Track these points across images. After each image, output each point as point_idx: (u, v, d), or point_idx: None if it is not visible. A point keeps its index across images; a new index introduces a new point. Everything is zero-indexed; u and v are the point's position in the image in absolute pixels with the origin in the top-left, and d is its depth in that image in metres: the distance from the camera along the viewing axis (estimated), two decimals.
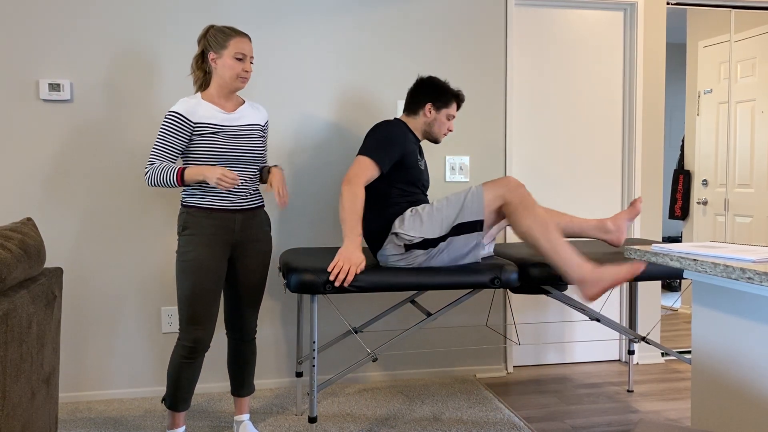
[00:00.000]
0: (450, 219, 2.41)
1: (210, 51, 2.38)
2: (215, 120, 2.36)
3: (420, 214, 2.46)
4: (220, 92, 2.41)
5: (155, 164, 2.31)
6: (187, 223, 2.35)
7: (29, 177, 3.03)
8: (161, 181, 2.30)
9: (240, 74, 2.37)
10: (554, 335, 3.71)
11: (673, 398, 3.16)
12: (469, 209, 2.39)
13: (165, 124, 2.33)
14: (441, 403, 3.05)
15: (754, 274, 1.43)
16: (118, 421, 2.86)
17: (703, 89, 4.79)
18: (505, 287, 2.48)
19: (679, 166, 5.12)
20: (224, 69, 2.36)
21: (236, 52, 2.35)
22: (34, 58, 3.01)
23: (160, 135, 2.33)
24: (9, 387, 1.68)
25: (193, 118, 2.33)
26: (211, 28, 2.40)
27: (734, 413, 1.70)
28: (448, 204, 2.44)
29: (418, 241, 2.42)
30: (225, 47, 2.35)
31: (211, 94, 2.42)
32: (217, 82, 2.40)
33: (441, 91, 2.69)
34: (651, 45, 3.67)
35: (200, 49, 2.42)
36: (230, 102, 2.43)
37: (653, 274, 2.58)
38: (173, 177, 2.29)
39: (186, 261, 2.32)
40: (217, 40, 2.36)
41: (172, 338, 3.20)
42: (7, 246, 1.84)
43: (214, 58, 2.37)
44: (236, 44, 2.35)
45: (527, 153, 3.64)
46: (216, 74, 2.39)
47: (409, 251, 2.44)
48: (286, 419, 2.87)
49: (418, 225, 2.44)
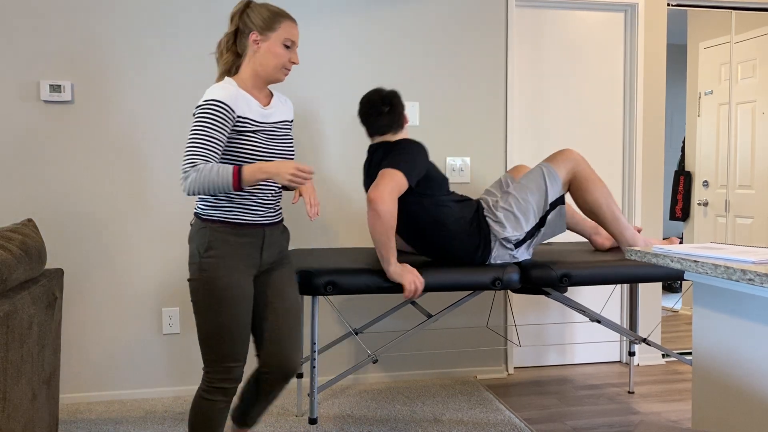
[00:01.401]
0: (541, 205, 2.56)
1: (253, 30, 1.96)
2: (254, 116, 1.96)
3: (511, 212, 2.54)
4: (256, 82, 2.00)
5: (199, 165, 1.82)
6: (213, 243, 1.91)
7: (30, 178, 3.03)
8: (210, 186, 1.82)
9: (285, 65, 1.99)
10: (555, 336, 3.71)
11: (673, 399, 3.16)
12: (552, 189, 2.55)
13: (207, 114, 1.85)
14: (441, 405, 3.05)
15: (755, 275, 1.43)
16: (119, 422, 2.86)
17: (703, 90, 4.79)
18: (506, 288, 2.48)
19: (680, 167, 5.12)
20: (268, 55, 1.96)
21: (286, 37, 1.97)
22: (35, 60, 3.01)
23: (200, 128, 1.85)
24: (10, 388, 1.68)
25: (236, 111, 1.91)
26: (252, 3, 2.01)
27: (735, 414, 1.69)
28: (531, 192, 2.55)
29: (524, 236, 2.56)
30: (274, 29, 1.96)
31: (245, 82, 1.99)
32: (254, 69, 1.98)
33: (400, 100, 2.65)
34: (651, 46, 3.67)
35: (234, 27, 2.00)
36: (262, 94, 2.03)
37: (654, 276, 2.58)
38: (228, 179, 1.82)
39: (216, 289, 1.90)
40: (264, 19, 1.96)
41: (173, 339, 3.20)
42: (7, 247, 1.84)
43: (258, 39, 1.96)
44: (287, 28, 1.97)
45: (528, 154, 3.63)
46: (255, 59, 1.97)
47: (518, 247, 2.57)
48: (287, 420, 2.87)
49: (516, 223, 2.54)
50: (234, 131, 1.91)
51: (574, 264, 2.54)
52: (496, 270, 2.47)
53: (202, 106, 1.87)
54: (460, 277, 2.44)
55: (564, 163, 2.58)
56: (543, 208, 2.55)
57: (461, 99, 3.43)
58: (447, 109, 3.42)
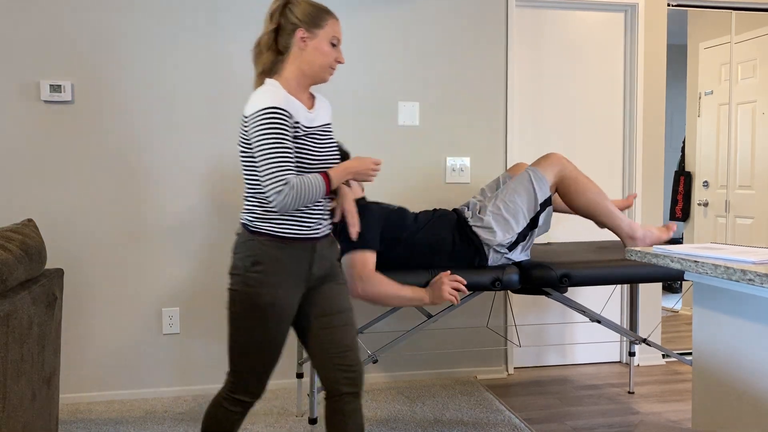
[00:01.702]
0: (531, 206, 2.57)
1: (300, 27, 1.84)
2: (303, 120, 1.84)
3: (500, 215, 2.54)
4: (301, 82, 1.89)
5: (291, 181, 1.73)
6: (260, 257, 1.82)
7: (30, 178, 3.03)
8: (306, 199, 1.76)
9: (332, 64, 1.89)
10: (555, 337, 3.71)
11: (673, 400, 3.16)
12: (541, 191, 2.56)
13: (273, 123, 1.74)
14: (442, 405, 3.05)
15: (755, 275, 1.43)
16: (119, 422, 2.86)
17: (703, 90, 4.79)
18: (506, 289, 2.48)
19: (680, 168, 5.12)
20: (316, 54, 1.86)
21: (333, 36, 1.88)
22: (35, 60, 3.01)
23: (272, 140, 1.73)
24: (10, 388, 1.68)
25: (293, 116, 1.80)
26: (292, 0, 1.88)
27: (735, 415, 1.69)
28: (518, 195, 2.56)
29: (516, 237, 2.56)
30: (321, 27, 1.86)
31: (289, 83, 1.87)
32: (300, 70, 1.87)
33: None
34: (652, 46, 3.67)
35: (275, 25, 1.87)
36: (305, 96, 1.92)
37: (654, 276, 2.58)
38: (322, 188, 1.78)
39: (259, 305, 1.82)
40: (310, 16, 1.85)
41: (173, 339, 3.20)
42: (8, 247, 1.84)
43: (306, 37, 1.85)
44: (333, 26, 1.88)
45: (528, 154, 3.63)
46: (302, 59, 1.86)
47: (512, 250, 2.57)
48: (287, 420, 2.87)
49: (506, 225, 2.54)
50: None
51: (574, 264, 2.54)
52: (495, 270, 2.48)
53: (263, 116, 1.74)
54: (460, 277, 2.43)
55: (550, 167, 2.58)
56: (533, 209, 2.55)
57: (461, 99, 3.43)
58: (447, 109, 3.42)
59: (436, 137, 3.41)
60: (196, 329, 3.22)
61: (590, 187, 2.57)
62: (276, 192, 1.72)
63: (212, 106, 3.19)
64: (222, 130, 3.20)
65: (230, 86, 3.20)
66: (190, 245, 3.19)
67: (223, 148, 3.20)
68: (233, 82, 3.20)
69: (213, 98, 3.18)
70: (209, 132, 3.19)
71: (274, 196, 1.72)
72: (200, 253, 3.20)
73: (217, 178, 3.20)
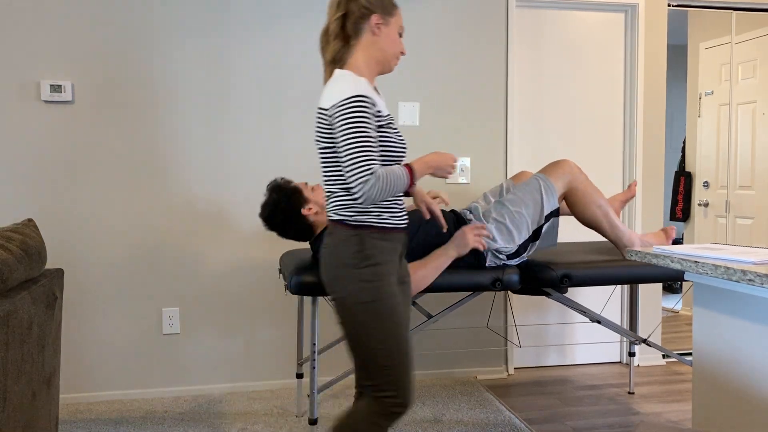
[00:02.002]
0: (536, 218, 2.53)
1: (375, 13, 1.78)
2: (383, 108, 1.78)
3: (504, 224, 2.49)
4: (372, 70, 1.82)
5: (377, 171, 1.65)
6: (371, 251, 1.73)
7: (30, 178, 3.04)
8: (391, 190, 1.69)
9: (398, 55, 1.85)
10: (555, 337, 3.71)
11: (674, 400, 3.16)
12: (549, 203, 2.53)
13: (358, 113, 1.67)
14: (442, 405, 3.05)
15: (755, 276, 1.43)
16: (119, 422, 2.86)
17: (704, 91, 4.79)
18: (506, 289, 2.48)
19: (680, 168, 5.12)
20: (388, 42, 1.80)
21: (400, 26, 1.84)
22: (35, 60, 3.01)
23: (358, 129, 1.66)
24: (10, 388, 1.68)
25: (376, 104, 1.74)
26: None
27: (735, 415, 1.69)
28: (525, 205, 2.51)
29: (517, 248, 2.52)
30: (392, 15, 1.81)
31: (360, 71, 1.80)
32: (373, 57, 1.80)
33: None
34: (652, 47, 3.67)
35: (343, 11, 1.78)
36: (373, 85, 1.85)
37: (654, 276, 2.58)
38: (405, 180, 1.72)
39: (384, 298, 1.72)
40: (382, 3, 1.79)
41: (173, 339, 3.20)
42: (8, 247, 1.84)
43: (381, 23, 1.78)
44: (400, 16, 1.84)
45: (528, 154, 3.63)
46: (375, 46, 1.79)
47: (513, 258, 2.53)
48: (287, 421, 2.87)
49: (508, 236, 2.49)
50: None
51: (575, 264, 2.54)
52: (496, 271, 2.47)
53: (349, 104, 1.67)
54: (460, 278, 2.43)
55: (562, 177, 2.55)
56: (538, 221, 2.52)
57: (461, 99, 3.43)
58: (447, 109, 3.42)
59: (436, 137, 3.41)
60: (196, 329, 3.22)
61: (597, 200, 2.55)
62: (362, 182, 1.64)
63: (213, 105, 3.18)
64: (222, 130, 3.20)
65: (231, 86, 3.20)
66: (190, 245, 3.19)
67: (224, 147, 3.20)
68: (234, 81, 3.20)
69: (214, 98, 3.18)
70: (209, 132, 3.19)
71: (359, 186, 1.64)
72: (200, 254, 3.20)
73: (218, 177, 3.20)
